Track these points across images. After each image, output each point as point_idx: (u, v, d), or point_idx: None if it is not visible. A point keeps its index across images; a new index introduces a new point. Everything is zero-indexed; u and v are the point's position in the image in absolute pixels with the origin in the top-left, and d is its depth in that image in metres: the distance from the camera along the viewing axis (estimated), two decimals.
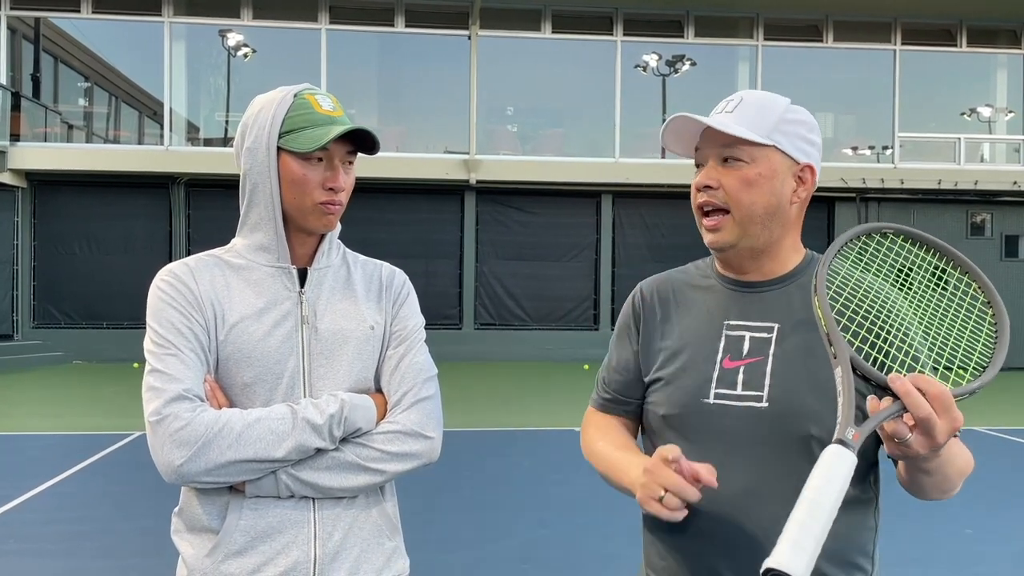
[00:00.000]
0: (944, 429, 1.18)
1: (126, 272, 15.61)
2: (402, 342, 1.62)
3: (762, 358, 1.45)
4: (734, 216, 1.46)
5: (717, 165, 1.47)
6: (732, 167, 1.46)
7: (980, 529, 5.46)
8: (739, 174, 1.45)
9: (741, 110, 1.47)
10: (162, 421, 1.42)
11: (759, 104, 1.48)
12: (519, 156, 17.27)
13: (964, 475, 1.39)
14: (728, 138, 1.44)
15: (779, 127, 1.46)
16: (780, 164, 1.47)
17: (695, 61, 17.85)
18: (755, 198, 1.45)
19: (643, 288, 1.66)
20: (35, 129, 16.53)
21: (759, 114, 1.46)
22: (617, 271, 17.07)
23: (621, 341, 1.64)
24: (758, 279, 1.52)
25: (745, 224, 1.46)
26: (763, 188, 1.45)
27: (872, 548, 1.50)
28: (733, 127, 1.44)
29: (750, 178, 1.45)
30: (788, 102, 1.51)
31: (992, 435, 9.07)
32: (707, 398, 1.47)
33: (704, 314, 1.54)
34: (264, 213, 1.56)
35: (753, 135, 1.44)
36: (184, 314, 1.50)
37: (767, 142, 1.45)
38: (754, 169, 1.45)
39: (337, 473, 1.50)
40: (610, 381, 1.64)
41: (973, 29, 17.75)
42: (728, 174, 1.46)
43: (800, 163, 1.48)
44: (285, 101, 1.54)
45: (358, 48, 17.50)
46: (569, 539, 5.15)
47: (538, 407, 10.81)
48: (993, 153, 18.68)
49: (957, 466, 1.36)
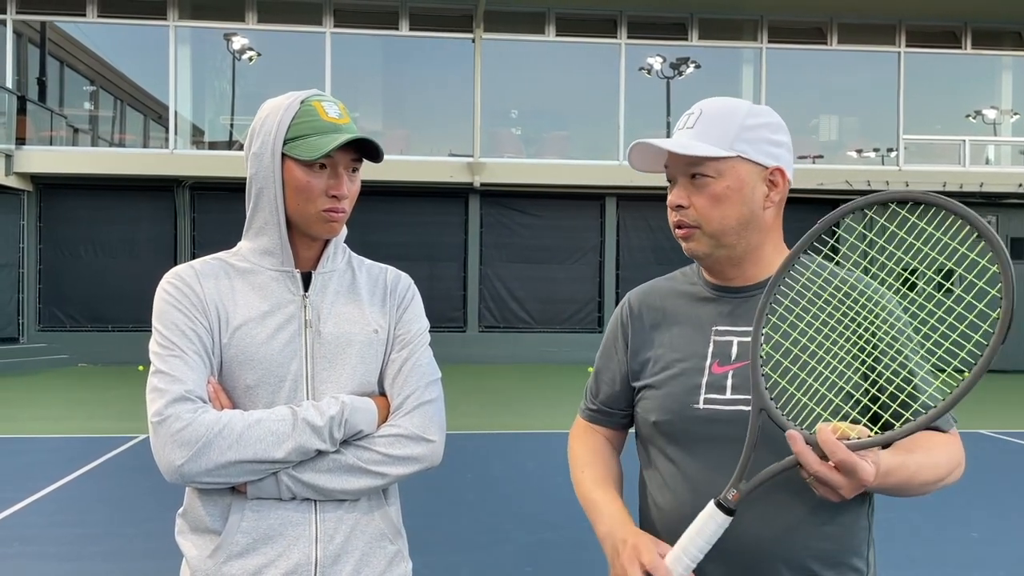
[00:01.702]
0: (848, 488, 1.22)
1: (131, 275, 15.65)
2: (406, 346, 1.63)
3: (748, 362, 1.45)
4: (704, 231, 1.48)
5: (686, 183, 1.48)
6: (700, 184, 1.46)
7: (986, 531, 5.45)
8: (708, 191, 1.46)
9: (701, 124, 1.46)
10: (164, 422, 1.43)
11: (718, 115, 1.47)
12: (523, 159, 17.27)
13: (942, 480, 1.40)
14: (691, 156, 1.45)
15: (741, 135, 1.46)
16: (747, 173, 1.46)
17: (699, 64, 17.84)
18: (726, 212, 1.46)
19: (631, 298, 1.67)
20: (41, 132, 16.58)
21: (720, 125, 1.46)
22: (621, 274, 17.06)
23: (608, 352, 1.66)
24: (742, 284, 1.53)
25: (717, 236, 1.48)
26: (733, 201, 1.46)
27: (866, 549, 1.50)
28: (693, 146, 1.44)
29: (718, 193, 1.45)
30: (749, 106, 1.49)
31: (999, 438, 9.04)
32: (696, 404, 1.48)
33: (692, 321, 1.56)
34: (269, 218, 1.56)
35: (714, 150, 1.44)
36: (189, 316, 1.51)
37: (730, 154, 1.45)
38: (722, 183, 1.45)
39: (338, 475, 1.51)
40: (597, 392, 1.66)
41: (978, 31, 17.72)
42: (697, 192, 1.47)
43: (768, 167, 1.48)
44: (291, 107, 1.54)
45: (362, 51, 17.53)
46: (574, 542, 5.14)
47: (542, 410, 10.81)
48: (998, 155, 18.64)
49: (923, 479, 1.36)
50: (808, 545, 1.42)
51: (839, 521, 1.45)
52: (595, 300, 17.23)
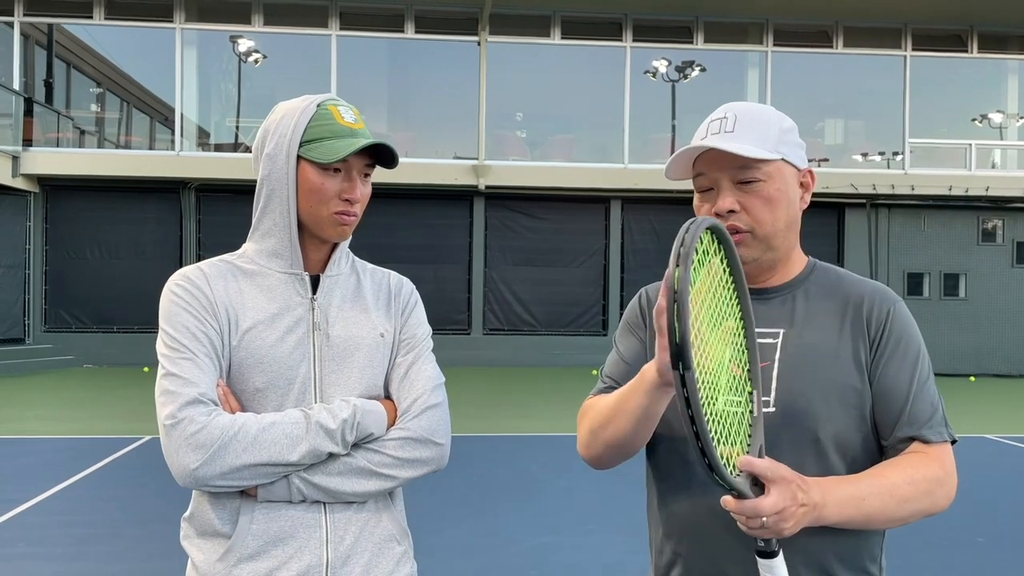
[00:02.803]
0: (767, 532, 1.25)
1: (136, 276, 15.71)
2: (411, 350, 1.64)
3: (768, 363, 1.46)
4: (756, 234, 1.46)
5: (733, 187, 1.46)
6: (752, 188, 1.45)
7: (991, 537, 5.43)
8: (761, 194, 1.45)
9: (741, 128, 1.45)
10: (177, 425, 1.43)
11: (756, 119, 1.47)
12: (528, 161, 17.28)
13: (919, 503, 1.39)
14: (739, 159, 1.43)
15: (782, 138, 1.47)
16: (789, 175, 1.48)
17: (704, 67, 17.84)
18: (777, 215, 1.46)
19: (648, 291, 1.66)
20: (47, 134, 16.64)
21: (760, 129, 1.46)
22: (626, 277, 17.06)
23: (627, 334, 1.63)
24: (762, 286, 1.53)
25: (768, 239, 1.47)
26: (782, 203, 1.46)
27: (879, 554, 1.52)
28: (749, 148, 1.43)
29: (771, 195, 1.45)
30: (775, 111, 1.51)
31: (1005, 443, 9.01)
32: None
33: None
34: (279, 220, 1.57)
35: (765, 152, 1.44)
36: (199, 319, 1.51)
37: (776, 156, 1.45)
38: (772, 185, 1.45)
39: (349, 478, 1.51)
40: (616, 372, 1.61)
41: (984, 35, 17.69)
42: (749, 196, 1.45)
43: (801, 169, 1.51)
44: (308, 110, 1.55)
45: (368, 54, 17.57)
46: (577, 545, 5.14)
47: (546, 412, 10.81)
48: (1004, 159, 18.59)
49: (887, 517, 1.37)
50: (829, 548, 1.44)
51: None
52: (599, 303, 17.22)
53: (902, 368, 1.45)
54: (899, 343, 1.46)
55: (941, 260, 17.04)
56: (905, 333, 1.47)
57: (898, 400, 1.44)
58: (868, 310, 1.48)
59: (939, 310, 16.79)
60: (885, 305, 1.48)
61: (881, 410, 1.45)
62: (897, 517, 1.38)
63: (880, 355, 1.45)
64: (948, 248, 17.05)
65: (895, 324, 1.47)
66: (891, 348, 1.46)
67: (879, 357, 1.45)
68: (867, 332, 1.47)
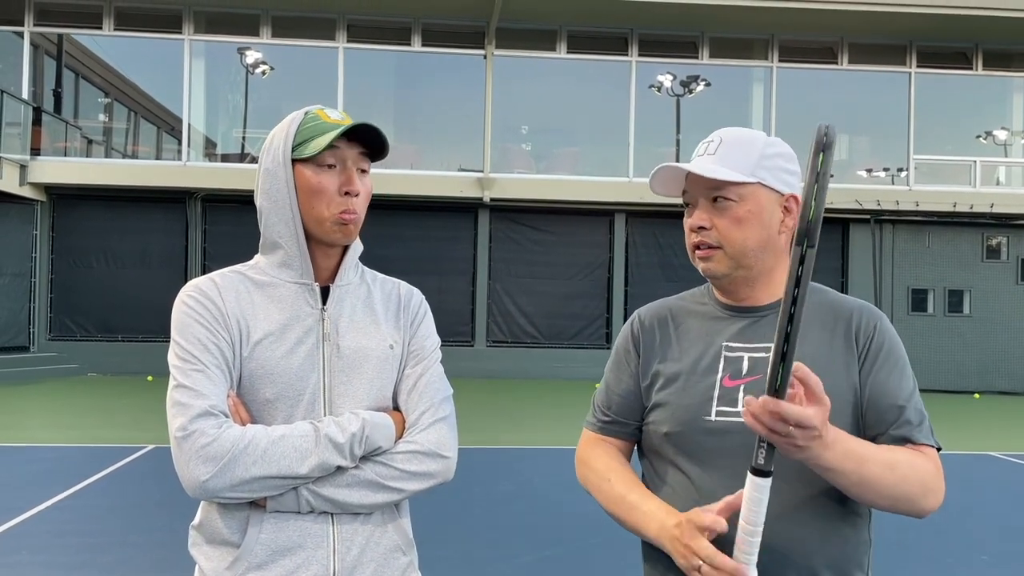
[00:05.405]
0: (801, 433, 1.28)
1: (142, 286, 15.75)
2: (420, 362, 1.65)
3: (762, 376, 1.48)
4: (726, 251, 1.55)
5: (708, 206, 1.55)
6: (722, 207, 1.53)
7: (995, 555, 5.41)
8: (730, 214, 1.53)
9: (723, 151, 1.54)
10: (188, 437, 1.44)
11: (738, 143, 1.55)
12: (533, 174, 17.33)
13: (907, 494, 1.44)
14: (715, 180, 1.52)
15: (761, 163, 1.54)
16: (766, 198, 1.54)
17: (710, 82, 17.90)
18: (747, 234, 1.53)
19: (640, 314, 1.72)
20: (55, 143, 16.74)
21: (740, 153, 1.54)
22: (630, 290, 17.06)
23: (619, 365, 1.69)
24: (753, 304, 1.59)
25: (738, 258, 1.55)
26: (753, 224, 1.53)
27: (867, 563, 1.55)
28: (718, 171, 1.51)
29: (740, 216, 1.53)
30: (765, 136, 1.58)
31: (1008, 460, 8.98)
32: (708, 416, 1.52)
33: (703, 337, 1.60)
34: (285, 230, 1.58)
35: (737, 175, 1.51)
36: (211, 330, 1.52)
37: (751, 180, 1.52)
38: (743, 207, 1.53)
39: (357, 490, 1.52)
40: (610, 403, 1.68)
41: (989, 52, 17.73)
42: (719, 214, 1.54)
43: (784, 194, 1.56)
44: (296, 118, 1.60)
45: (375, 66, 17.66)
46: (581, 558, 5.13)
47: (550, 425, 10.80)
48: (1009, 176, 18.60)
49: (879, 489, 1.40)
50: (818, 552, 1.47)
51: (844, 534, 1.51)
52: (603, 316, 17.22)
53: (893, 375, 1.52)
54: (889, 354, 1.54)
55: (945, 276, 17.02)
56: (894, 345, 1.55)
57: (891, 405, 1.50)
58: (856, 324, 1.55)
59: (943, 327, 16.76)
60: (872, 320, 1.56)
61: (873, 416, 1.50)
62: (887, 494, 1.42)
63: (871, 365, 1.52)
64: (952, 265, 17.03)
65: (882, 337, 1.55)
66: (882, 358, 1.53)
67: (869, 367, 1.52)
68: (856, 344, 1.54)
